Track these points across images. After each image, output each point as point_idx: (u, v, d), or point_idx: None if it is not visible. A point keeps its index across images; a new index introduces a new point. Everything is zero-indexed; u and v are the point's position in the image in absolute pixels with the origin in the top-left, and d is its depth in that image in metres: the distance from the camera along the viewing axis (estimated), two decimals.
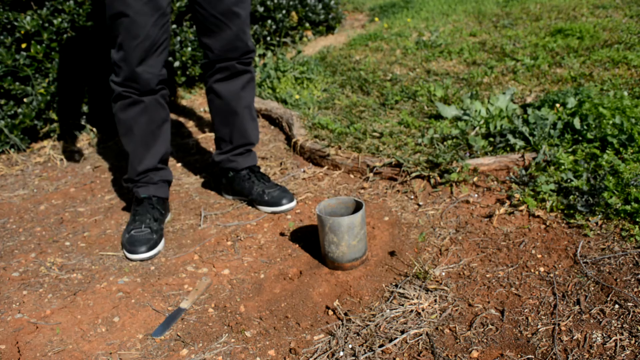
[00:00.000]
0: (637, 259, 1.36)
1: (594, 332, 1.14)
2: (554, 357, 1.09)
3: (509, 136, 2.02)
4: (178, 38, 3.15)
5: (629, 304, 1.20)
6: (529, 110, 2.24)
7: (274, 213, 1.89)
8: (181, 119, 3.07)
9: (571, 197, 1.62)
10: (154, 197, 1.84)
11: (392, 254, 1.56)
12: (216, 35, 1.76)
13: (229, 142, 1.96)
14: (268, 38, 3.92)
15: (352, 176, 2.09)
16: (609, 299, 1.23)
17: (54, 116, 2.69)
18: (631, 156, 1.77)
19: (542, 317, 1.21)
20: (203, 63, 1.87)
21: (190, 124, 2.99)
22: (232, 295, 1.46)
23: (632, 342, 1.10)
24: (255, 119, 1.98)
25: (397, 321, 1.26)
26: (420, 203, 1.82)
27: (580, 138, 1.97)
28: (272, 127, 2.76)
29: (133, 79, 1.67)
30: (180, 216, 1.94)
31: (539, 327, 1.18)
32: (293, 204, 1.90)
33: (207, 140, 2.72)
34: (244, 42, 1.80)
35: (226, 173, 2.01)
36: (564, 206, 1.63)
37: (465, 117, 2.34)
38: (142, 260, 1.67)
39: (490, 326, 1.21)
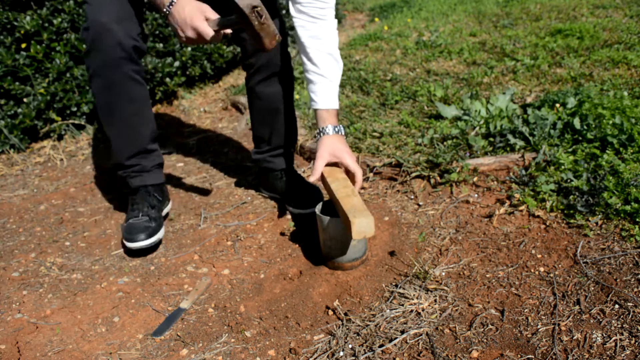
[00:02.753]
0: (637, 259, 1.36)
1: (594, 332, 1.14)
2: (554, 357, 1.09)
3: (509, 136, 2.02)
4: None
5: (629, 304, 1.20)
6: (529, 110, 2.24)
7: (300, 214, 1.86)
8: (181, 119, 3.08)
9: (571, 197, 1.62)
10: (149, 186, 1.79)
11: (392, 254, 1.56)
12: None
13: (267, 143, 1.91)
14: None
15: None
16: (609, 299, 1.23)
17: (54, 116, 2.69)
18: (631, 156, 1.77)
19: (542, 317, 1.21)
20: (243, 63, 1.80)
21: (190, 124, 3.00)
22: (232, 295, 1.46)
23: (632, 342, 1.10)
24: (295, 118, 1.94)
25: (397, 321, 1.26)
26: (420, 203, 1.82)
27: (580, 138, 1.97)
28: None
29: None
30: (180, 216, 1.94)
31: (539, 327, 1.18)
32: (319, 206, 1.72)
33: (207, 140, 2.72)
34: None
35: (264, 171, 1.98)
36: (564, 206, 1.63)
37: (465, 117, 2.34)
38: (142, 247, 1.63)
39: (490, 326, 1.21)
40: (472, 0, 5.19)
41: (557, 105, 2.22)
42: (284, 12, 3.79)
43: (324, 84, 1.60)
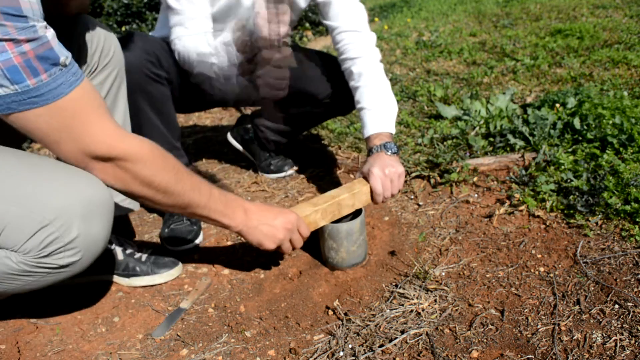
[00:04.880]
0: (637, 259, 1.36)
1: (594, 332, 1.14)
2: (554, 357, 1.09)
3: (509, 136, 2.02)
4: None
5: (629, 304, 1.20)
6: (529, 110, 2.24)
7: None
8: (181, 119, 3.08)
9: (571, 197, 1.62)
10: None
11: (392, 253, 1.56)
12: None
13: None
14: None
15: (352, 176, 2.09)
16: (609, 299, 1.23)
17: None
18: (631, 156, 1.77)
19: (542, 317, 1.21)
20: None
21: (190, 124, 3.00)
22: (232, 295, 1.46)
23: (632, 342, 1.10)
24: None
25: (397, 321, 1.26)
26: (420, 203, 1.82)
27: (580, 138, 1.97)
28: None
29: None
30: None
31: (539, 327, 1.18)
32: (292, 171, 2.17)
33: (206, 140, 2.72)
34: None
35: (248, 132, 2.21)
36: (564, 206, 1.63)
37: (465, 117, 2.34)
38: (185, 250, 1.69)
39: (490, 326, 1.21)
40: (472, 0, 5.19)
41: (557, 105, 2.22)
42: None
43: (373, 111, 1.66)
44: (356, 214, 1.53)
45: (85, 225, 1.08)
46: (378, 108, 1.65)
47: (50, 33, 0.95)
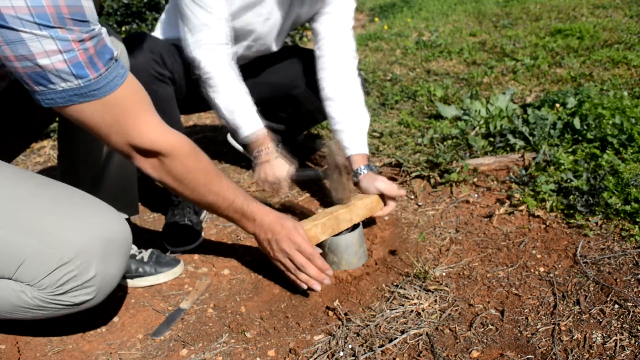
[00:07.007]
0: (637, 259, 1.36)
1: (594, 332, 1.14)
2: (554, 357, 1.09)
3: (509, 136, 2.02)
4: None
5: (629, 304, 1.20)
6: (529, 110, 2.24)
7: None
8: (181, 119, 3.07)
9: (571, 197, 1.62)
10: None
11: (392, 253, 1.56)
12: None
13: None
14: None
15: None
16: (609, 299, 1.23)
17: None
18: (631, 156, 1.77)
19: (542, 317, 1.21)
20: None
21: (190, 124, 3.00)
22: (232, 295, 1.46)
23: (632, 342, 1.10)
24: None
25: (397, 321, 1.26)
26: (420, 203, 1.82)
27: (580, 138, 1.97)
28: None
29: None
30: None
31: (539, 327, 1.18)
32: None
33: (206, 140, 2.72)
34: None
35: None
36: (564, 206, 1.62)
37: (465, 117, 2.34)
38: (184, 252, 1.68)
39: (490, 326, 1.21)
40: (472, 0, 5.19)
41: (557, 105, 2.22)
42: None
43: (350, 132, 1.71)
44: (354, 228, 1.54)
45: (104, 265, 1.13)
46: (362, 129, 1.73)
47: (104, 30, 1.02)
